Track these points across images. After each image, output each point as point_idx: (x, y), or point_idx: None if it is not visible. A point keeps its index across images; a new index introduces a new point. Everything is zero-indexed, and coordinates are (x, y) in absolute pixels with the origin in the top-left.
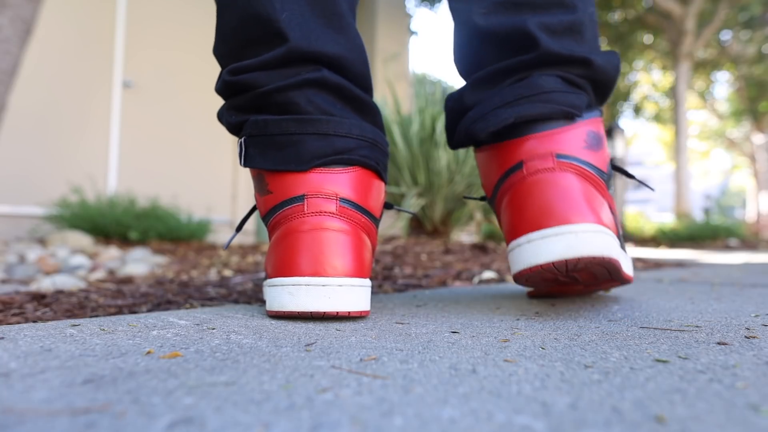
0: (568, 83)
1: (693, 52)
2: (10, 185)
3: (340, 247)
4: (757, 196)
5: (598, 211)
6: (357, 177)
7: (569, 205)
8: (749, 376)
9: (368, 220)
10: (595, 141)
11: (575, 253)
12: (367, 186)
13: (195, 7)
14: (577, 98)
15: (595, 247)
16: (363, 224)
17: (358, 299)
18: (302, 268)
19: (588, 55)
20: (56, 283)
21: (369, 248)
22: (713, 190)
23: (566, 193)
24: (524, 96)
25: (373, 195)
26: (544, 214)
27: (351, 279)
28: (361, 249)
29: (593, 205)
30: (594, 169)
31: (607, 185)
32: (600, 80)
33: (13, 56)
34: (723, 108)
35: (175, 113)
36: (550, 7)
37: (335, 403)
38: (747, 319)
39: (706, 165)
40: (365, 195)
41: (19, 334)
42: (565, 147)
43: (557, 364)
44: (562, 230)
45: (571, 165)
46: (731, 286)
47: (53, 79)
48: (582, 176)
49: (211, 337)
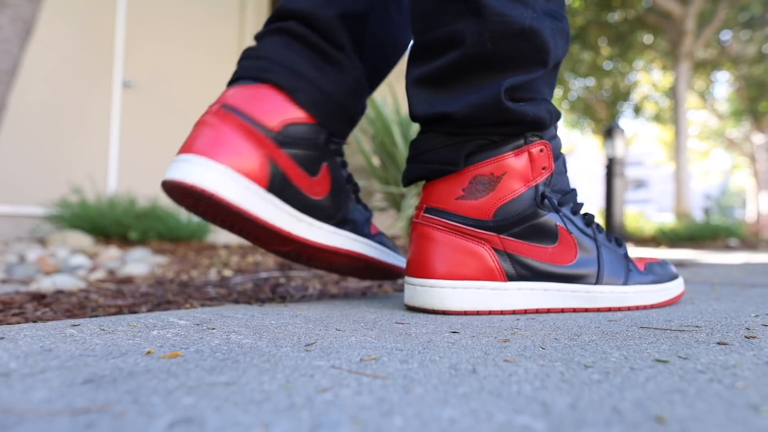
0: (452, 135)
1: (693, 52)
2: (10, 185)
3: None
4: (757, 196)
5: (452, 262)
6: (250, 89)
7: (424, 258)
8: (749, 376)
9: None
10: (480, 188)
11: None
12: (260, 97)
13: (196, 6)
14: (453, 150)
15: None
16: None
17: None
18: None
19: (451, 109)
20: (56, 283)
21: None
22: (713, 190)
23: (420, 248)
24: (410, 158)
25: (265, 107)
26: (411, 264)
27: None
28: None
29: (447, 257)
30: (459, 220)
31: (497, 229)
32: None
33: (13, 56)
34: (723, 108)
35: (175, 113)
36: None
37: (335, 403)
38: (747, 319)
39: (706, 165)
40: (250, 103)
41: (19, 334)
42: (433, 200)
43: (557, 364)
44: (415, 282)
45: (431, 220)
46: (731, 286)
47: (53, 79)
48: (441, 229)
49: (211, 337)
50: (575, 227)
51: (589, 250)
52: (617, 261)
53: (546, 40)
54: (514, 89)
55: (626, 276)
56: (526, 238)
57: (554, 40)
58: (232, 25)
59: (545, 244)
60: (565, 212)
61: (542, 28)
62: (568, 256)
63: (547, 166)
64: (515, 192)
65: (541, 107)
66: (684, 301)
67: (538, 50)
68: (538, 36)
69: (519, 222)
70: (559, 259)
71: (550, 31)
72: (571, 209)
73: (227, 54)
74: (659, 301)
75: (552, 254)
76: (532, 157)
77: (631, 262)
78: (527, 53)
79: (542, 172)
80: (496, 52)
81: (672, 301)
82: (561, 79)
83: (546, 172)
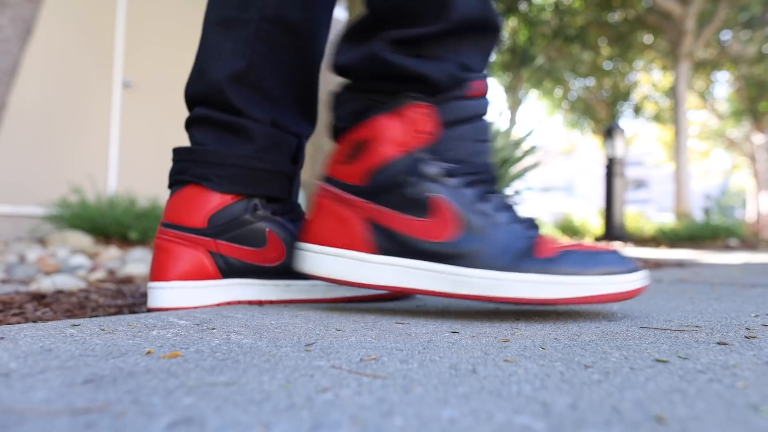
0: (351, 91)
1: (693, 52)
2: (10, 185)
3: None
4: (757, 196)
5: (327, 229)
6: (176, 197)
7: (309, 224)
8: (749, 376)
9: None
10: (354, 152)
11: None
12: (183, 201)
13: (196, 6)
14: (343, 109)
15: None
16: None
17: None
18: None
19: (341, 60)
20: (56, 283)
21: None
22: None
23: (309, 214)
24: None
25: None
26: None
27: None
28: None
29: (324, 224)
30: (335, 184)
31: (368, 195)
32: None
33: (13, 56)
34: (723, 108)
35: (175, 113)
36: None
37: (335, 403)
38: (747, 319)
39: (706, 165)
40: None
41: (19, 334)
42: (328, 164)
43: (557, 364)
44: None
45: (322, 188)
46: (731, 286)
47: (53, 79)
48: (322, 195)
49: (211, 337)
50: (463, 201)
51: (473, 228)
52: (510, 243)
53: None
54: (402, 43)
55: (513, 261)
56: (397, 208)
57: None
58: None
59: (418, 217)
60: (452, 184)
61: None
62: (443, 231)
63: (428, 131)
64: (388, 156)
65: (434, 65)
66: (684, 301)
67: (436, 3)
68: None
69: (390, 190)
70: (432, 235)
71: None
72: (464, 183)
73: None
74: (565, 297)
75: (424, 228)
76: (410, 120)
77: (535, 248)
78: (423, 5)
79: (422, 137)
80: (396, 5)
81: (594, 299)
82: (561, 79)
83: (427, 137)
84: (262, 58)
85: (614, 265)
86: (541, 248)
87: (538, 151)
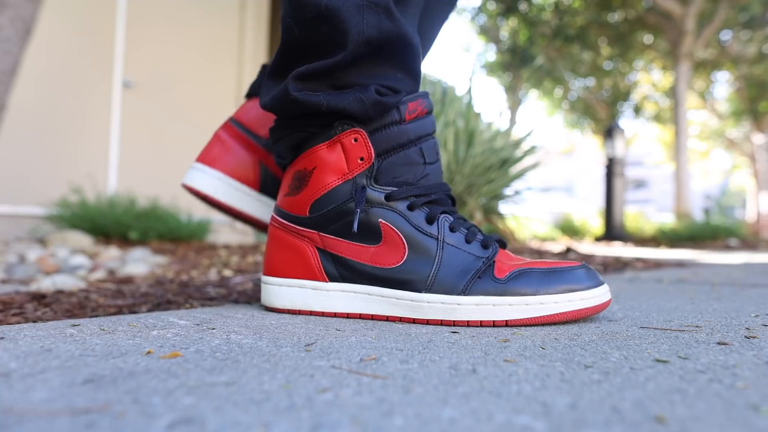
0: (283, 128)
1: (693, 52)
2: (10, 185)
3: None
4: (757, 196)
5: (280, 260)
6: (250, 102)
7: (265, 256)
8: (749, 376)
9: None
10: (297, 183)
11: None
12: (255, 109)
13: (196, 7)
14: (280, 144)
15: None
16: None
17: None
18: None
19: (263, 101)
20: (56, 283)
21: None
22: (713, 190)
23: (266, 246)
24: None
25: None
26: None
27: None
28: None
29: (277, 255)
30: (285, 217)
31: (316, 225)
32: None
33: (13, 56)
34: (723, 108)
35: (175, 113)
36: None
37: (335, 403)
38: (747, 319)
39: (706, 165)
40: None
41: (19, 334)
42: (278, 199)
43: (557, 364)
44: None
45: (275, 219)
46: (731, 286)
47: (53, 79)
48: (275, 227)
49: (211, 337)
50: (409, 224)
51: (423, 251)
52: (464, 265)
53: (345, 19)
54: (308, 78)
55: (469, 284)
56: (345, 236)
57: (360, 16)
58: (232, 26)
59: (367, 243)
60: (398, 208)
61: (341, 6)
62: (393, 257)
63: (365, 156)
64: (328, 185)
65: (350, 96)
66: (684, 301)
67: (336, 32)
68: (336, 15)
69: (336, 218)
70: (383, 260)
71: (354, 7)
72: (411, 205)
73: (227, 54)
74: (520, 317)
75: (374, 254)
76: (346, 148)
77: (491, 268)
78: (324, 35)
79: (360, 163)
80: (303, 39)
81: (554, 318)
82: (561, 79)
83: (365, 163)
84: None
85: (573, 282)
86: (497, 268)
87: (538, 151)
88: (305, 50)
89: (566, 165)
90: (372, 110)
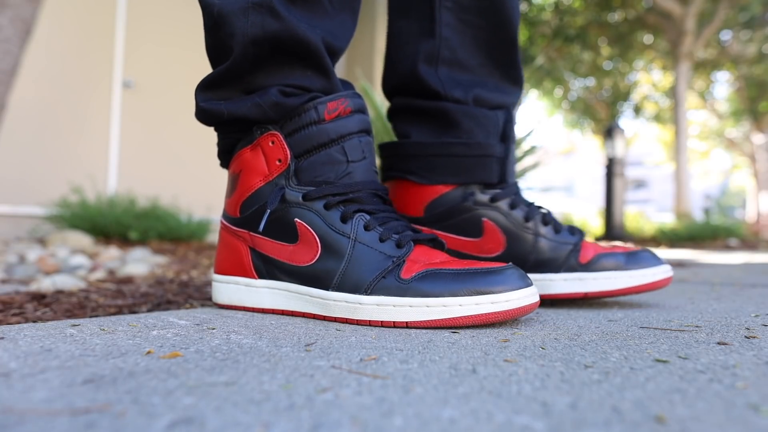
0: (220, 135)
1: (693, 52)
2: (10, 185)
3: None
4: (757, 196)
5: (221, 258)
6: None
7: (214, 258)
8: (749, 376)
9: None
10: (231, 186)
11: None
12: None
13: (196, 7)
14: (218, 150)
15: None
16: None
17: None
18: None
19: None
20: (56, 283)
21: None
22: (713, 190)
23: (217, 250)
24: None
25: None
26: None
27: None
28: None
29: (220, 253)
30: (225, 217)
31: (247, 225)
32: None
33: (13, 56)
34: (723, 108)
35: (175, 113)
36: None
37: (335, 403)
38: (747, 319)
39: (706, 165)
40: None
41: (19, 334)
42: (224, 202)
43: (557, 364)
44: None
45: (221, 221)
46: (731, 286)
47: (53, 79)
48: (221, 227)
49: (211, 337)
50: (324, 223)
51: (335, 249)
52: (372, 264)
53: (232, 22)
54: (213, 86)
55: (373, 283)
56: (269, 235)
57: (245, 17)
58: None
59: (286, 242)
60: (314, 207)
61: (229, 10)
62: (307, 255)
63: (282, 158)
64: (253, 187)
65: (245, 103)
66: (684, 301)
67: (227, 35)
68: (225, 19)
69: (260, 218)
70: (298, 258)
71: (240, 10)
72: (327, 204)
73: None
74: (420, 320)
75: (292, 252)
76: (265, 151)
77: (399, 267)
78: (218, 42)
79: (278, 165)
80: (210, 47)
81: (451, 322)
82: (561, 79)
83: (282, 164)
84: (451, 29)
85: (489, 285)
86: (406, 268)
87: (538, 151)
88: (213, 58)
89: (566, 165)
90: (272, 113)
